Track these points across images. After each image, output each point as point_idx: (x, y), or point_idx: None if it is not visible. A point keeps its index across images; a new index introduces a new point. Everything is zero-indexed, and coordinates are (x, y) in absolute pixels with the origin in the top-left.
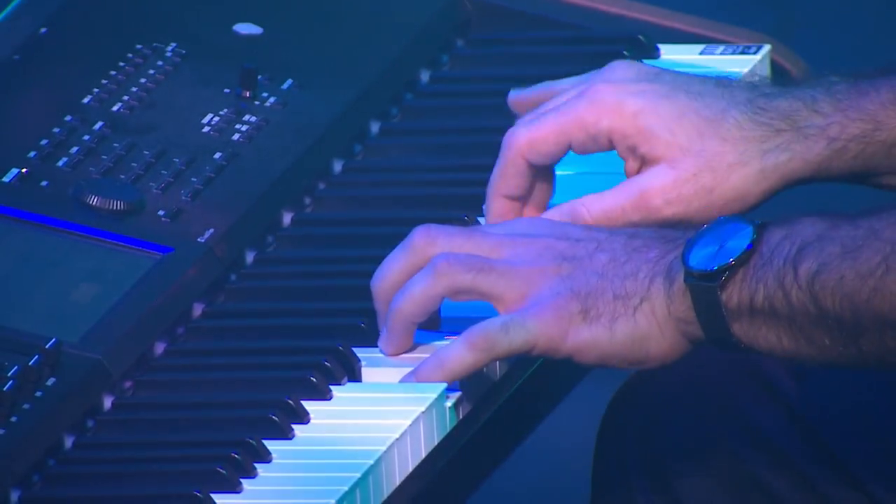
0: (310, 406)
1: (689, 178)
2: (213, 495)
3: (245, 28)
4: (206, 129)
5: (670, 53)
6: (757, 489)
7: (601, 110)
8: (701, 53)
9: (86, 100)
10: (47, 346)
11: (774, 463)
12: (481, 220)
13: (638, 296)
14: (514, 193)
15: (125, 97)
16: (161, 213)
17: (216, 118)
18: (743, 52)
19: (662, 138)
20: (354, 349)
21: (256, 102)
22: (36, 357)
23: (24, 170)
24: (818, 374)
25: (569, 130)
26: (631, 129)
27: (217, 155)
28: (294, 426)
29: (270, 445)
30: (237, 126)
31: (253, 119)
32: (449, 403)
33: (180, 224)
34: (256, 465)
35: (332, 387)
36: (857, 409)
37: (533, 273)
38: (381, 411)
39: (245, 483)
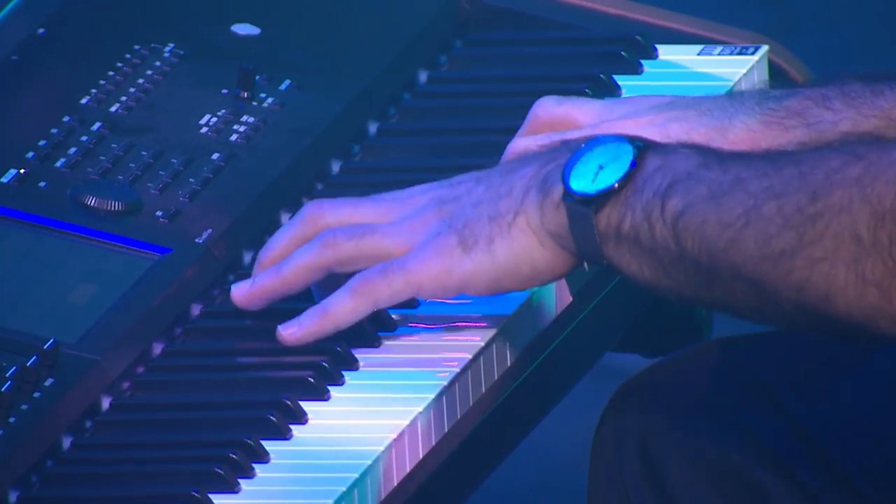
0: (308, 406)
1: None
2: (210, 496)
3: (243, 29)
4: (204, 129)
5: (668, 54)
6: (752, 492)
7: None
8: (699, 54)
9: (84, 100)
10: (45, 347)
11: (769, 466)
12: None
13: (512, 211)
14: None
15: (123, 98)
16: (159, 213)
17: (214, 119)
18: (741, 53)
19: None
20: (353, 350)
21: (254, 103)
22: (34, 358)
23: (22, 170)
24: (815, 379)
25: None
26: None
27: (215, 156)
28: (292, 427)
29: (268, 446)
30: (235, 127)
31: (251, 120)
32: (447, 403)
33: (178, 225)
34: (254, 465)
35: (330, 387)
36: (854, 413)
37: (415, 224)
38: (379, 412)
39: (243, 483)
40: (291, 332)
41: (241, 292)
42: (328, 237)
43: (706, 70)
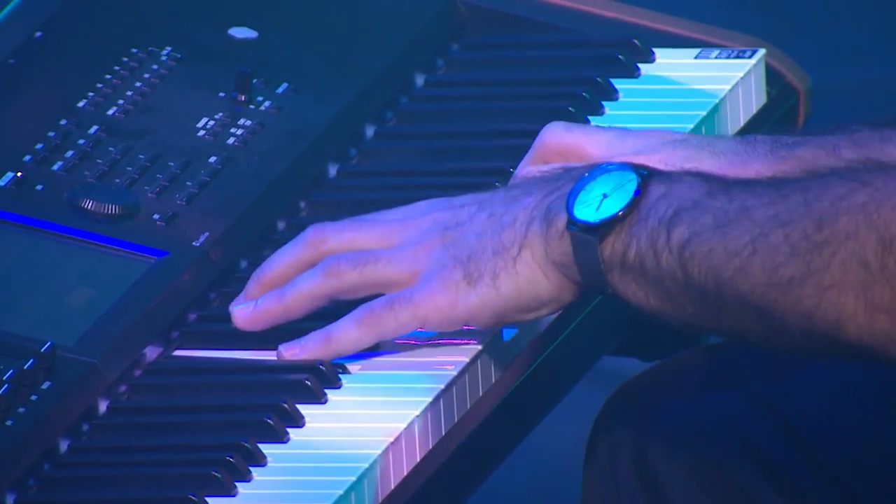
0: (305, 409)
1: None
2: (207, 499)
3: (240, 32)
4: (202, 132)
5: (665, 57)
6: (743, 496)
7: None
8: (696, 58)
9: (81, 104)
10: (42, 350)
11: (764, 473)
12: None
13: (516, 245)
14: None
15: (120, 101)
16: (156, 217)
17: (211, 122)
18: (738, 57)
19: None
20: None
21: (251, 106)
22: (31, 361)
23: (19, 174)
24: (808, 384)
25: None
26: None
27: (212, 159)
28: (289, 430)
29: (265, 449)
30: (232, 130)
31: (248, 123)
32: (443, 407)
33: (175, 228)
34: (251, 468)
35: (327, 390)
36: (848, 419)
37: (419, 251)
38: (377, 415)
39: (240, 486)
40: (293, 353)
41: (244, 314)
42: (332, 265)
43: (703, 73)
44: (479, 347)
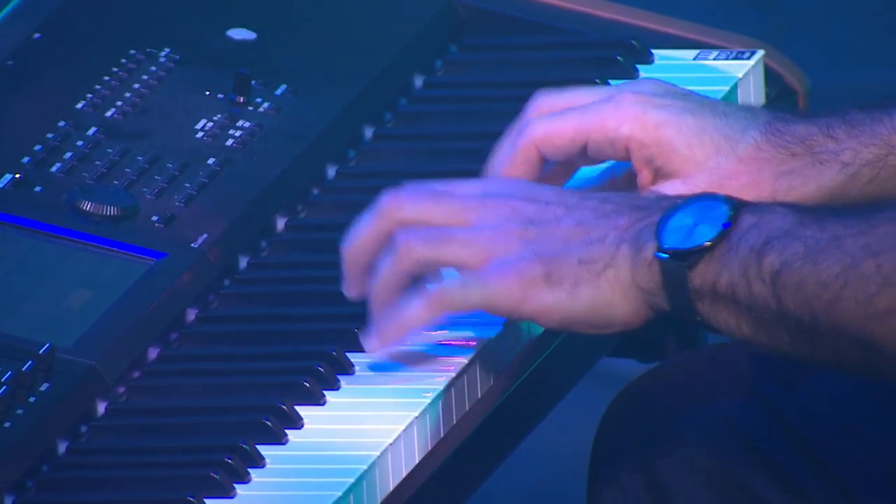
0: (303, 411)
1: None
2: (206, 500)
3: (239, 33)
4: (200, 134)
5: (664, 59)
6: (748, 496)
7: (624, 116)
8: (695, 59)
9: (79, 105)
10: (41, 352)
11: (765, 470)
12: None
13: (602, 261)
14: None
15: (119, 103)
16: (155, 218)
17: (210, 124)
18: (737, 58)
19: (679, 153)
20: (348, 354)
21: (250, 108)
22: (29, 362)
23: (17, 175)
24: (808, 383)
25: (588, 130)
26: (650, 139)
27: (211, 160)
28: (288, 431)
29: (264, 450)
30: (231, 132)
31: (247, 124)
32: (442, 408)
33: (174, 229)
34: (250, 470)
35: (325, 392)
36: (846, 417)
37: (497, 237)
38: (375, 416)
39: (238, 488)
40: (373, 344)
41: (369, 343)
42: (403, 243)
43: (702, 75)
44: (478, 348)
